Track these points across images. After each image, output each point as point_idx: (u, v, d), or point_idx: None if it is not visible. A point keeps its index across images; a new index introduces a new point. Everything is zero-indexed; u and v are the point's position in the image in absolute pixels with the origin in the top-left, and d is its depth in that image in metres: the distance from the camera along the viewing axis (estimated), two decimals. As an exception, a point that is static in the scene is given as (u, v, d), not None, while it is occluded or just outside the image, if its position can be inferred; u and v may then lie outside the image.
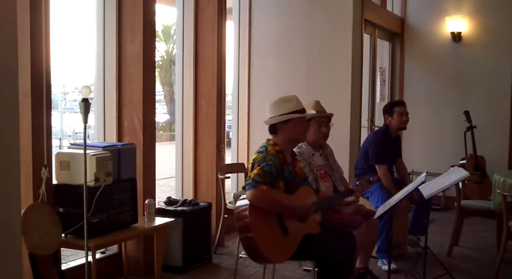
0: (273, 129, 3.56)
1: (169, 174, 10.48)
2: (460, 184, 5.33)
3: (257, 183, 3.25)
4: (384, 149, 5.15)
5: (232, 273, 4.54)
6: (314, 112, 4.12)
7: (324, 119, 4.23)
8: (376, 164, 5.11)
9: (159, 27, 21.87)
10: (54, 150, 3.99)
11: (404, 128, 5.37)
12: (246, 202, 3.27)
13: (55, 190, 3.88)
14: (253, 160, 3.46)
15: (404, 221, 5.29)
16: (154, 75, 4.89)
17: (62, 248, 3.85)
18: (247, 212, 3.24)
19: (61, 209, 3.81)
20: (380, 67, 7.77)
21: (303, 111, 3.57)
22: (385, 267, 4.77)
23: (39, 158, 3.75)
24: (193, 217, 4.88)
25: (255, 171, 3.32)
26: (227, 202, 5.53)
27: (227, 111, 6.00)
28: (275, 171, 3.36)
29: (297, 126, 3.53)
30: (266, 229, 3.29)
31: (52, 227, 3.52)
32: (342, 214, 4.08)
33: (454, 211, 5.74)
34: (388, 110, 5.29)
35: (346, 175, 4.65)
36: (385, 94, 7.93)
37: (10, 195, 2.37)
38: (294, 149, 3.79)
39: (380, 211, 4.02)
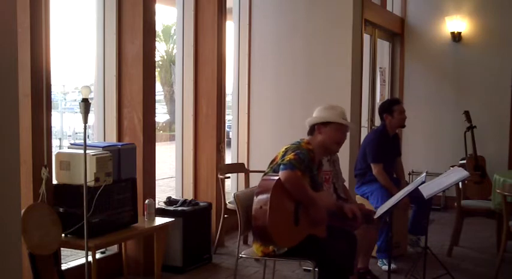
0: (311, 129, 3.64)
1: (169, 174, 10.48)
2: (460, 184, 5.33)
3: (294, 166, 3.30)
4: (380, 149, 5.14)
5: (232, 273, 4.53)
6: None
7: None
8: (371, 163, 5.11)
9: (159, 27, 21.87)
10: (54, 150, 3.99)
11: (404, 126, 5.39)
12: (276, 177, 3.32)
13: (55, 190, 3.87)
14: (285, 148, 3.52)
15: (404, 221, 5.30)
16: (154, 75, 4.89)
17: (62, 248, 3.86)
18: (273, 186, 3.27)
19: (61, 209, 3.81)
20: (380, 67, 7.77)
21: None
22: (385, 267, 4.77)
23: (39, 158, 3.75)
24: (193, 217, 4.88)
25: (290, 156, 3.36)
26: (227, 202, 5.53)
27: (227, 111, 6.00)
28: (306, 162, 3.42)
29: (334, 132, 3.60)
30: (281, 210, 3.33)
31: (52, 227, 3.52)
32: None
33: (454, 211, 5.74)
34: (387, 109, 5.29)
35: (345, 175, 4.63)
36: (385, 94, 7.93)
37: (10, 195, 2.37)
38: None
39: (380, 211, 4.02)
